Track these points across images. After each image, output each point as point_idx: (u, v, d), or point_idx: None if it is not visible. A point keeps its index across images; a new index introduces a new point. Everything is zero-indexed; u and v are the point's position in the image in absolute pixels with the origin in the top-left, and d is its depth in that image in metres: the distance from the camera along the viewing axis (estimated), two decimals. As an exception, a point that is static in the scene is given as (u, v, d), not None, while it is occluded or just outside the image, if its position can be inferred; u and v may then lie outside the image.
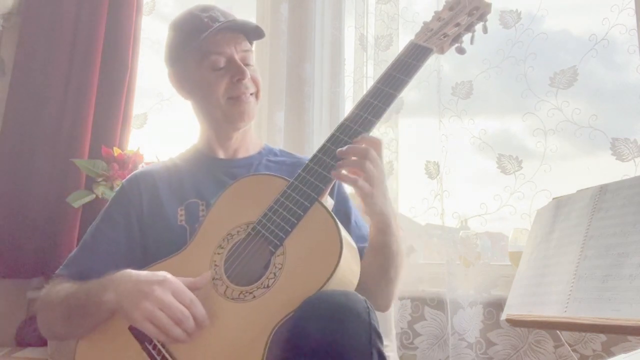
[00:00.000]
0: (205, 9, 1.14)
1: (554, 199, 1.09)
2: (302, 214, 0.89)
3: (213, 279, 0.90)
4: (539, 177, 1.49)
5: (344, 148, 0.93)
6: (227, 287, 0.89)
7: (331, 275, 0.81)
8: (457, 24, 1.08)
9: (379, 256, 1.00)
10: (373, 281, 1.02)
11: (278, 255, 0.88)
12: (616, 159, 1.39)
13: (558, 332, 1.33)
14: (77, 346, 0.95)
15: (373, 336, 0.75)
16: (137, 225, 1.09)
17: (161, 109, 2.03)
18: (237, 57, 1.11)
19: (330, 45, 1.90)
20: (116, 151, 1.69)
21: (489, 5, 1.09)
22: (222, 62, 1.10)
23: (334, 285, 0.81)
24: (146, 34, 2.02)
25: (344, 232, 0.87)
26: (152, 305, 0.83)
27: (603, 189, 0.93)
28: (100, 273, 0.94)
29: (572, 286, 0.85)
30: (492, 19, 1.64)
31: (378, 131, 1.76)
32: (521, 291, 1.00)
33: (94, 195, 1.68)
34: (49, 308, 1.00)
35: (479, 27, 1.10)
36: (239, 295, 0.87)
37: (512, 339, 1.45)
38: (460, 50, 1.09)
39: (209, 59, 1.10)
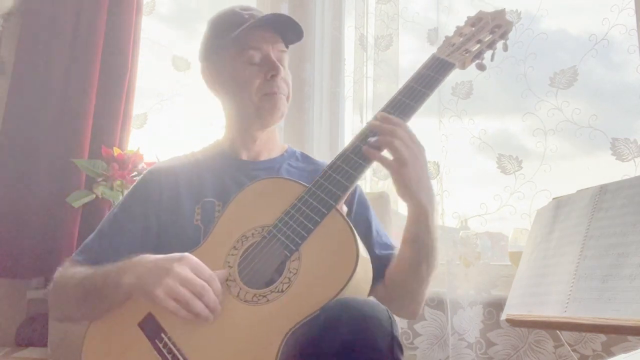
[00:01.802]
0: (247, 8, 1.15)
1: (554, 199, 1.09)
2: (319, 220, 0.89)
3: (227, 279, 0.90)
4: (539, 177, 1.49)
5: (376, 121, 0.94)
6: (240, 288, 0.88)
7: (347, 282, 0.80)
8: (479, 41, 1.09)
9: (411, 250, 0.98)
10: (403, 280, 1.00)
11: (293, 261, 0.87)
12: (616, 159, 1.40)
13: (558, 332, 1.33)
14: (85, 343, 0.95)
15: (395, 347, 0.75)
16: (154, 219, 1.09)
17: (161, 109, 2.03)
18: (273, 55, 1.11)
19: (330, 45, 1.90)
20: (116, 151, 1.69)
21: (510, 24, 1.10)
22: (258, 57, 1.10)
23: (348, 293, 0.81)
24: (146, 34, 2.02)
25: (359, 240, 0.86)
26: (173, 281, 0.83)
27: (603, 189, 0.93)
28: (114, 261, 0.94)
29: (572, 286, 0.85)
30: (492, 19, 1.65)
31: (378, 131, 1.76)
32: (521, 291, 1.00)
33: (94, 195, 1.68)
34: (64, 291, 1.00)
35: (499, 44, 1.11)
36: (252, 297, 0.87)
37: (512, 339, 1.45)
38: (481, 67, 1.10)
39: (246, 53, 1.10)
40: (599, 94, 1.51)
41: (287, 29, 1.14)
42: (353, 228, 0.87)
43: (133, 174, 1.69)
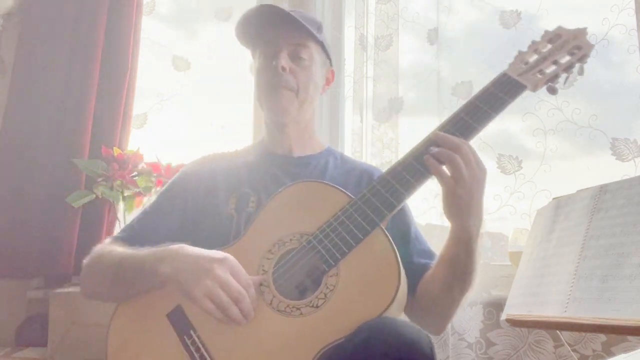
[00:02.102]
0: (273, 5, 1.14)
1: (554, 199, 1.09)
2: (361, 237, 0.86)
3: (261, 284, 0.89)
4: (539, 177, 1.49)
5: (442, 134, 0.89)
6: (274, 296, 0.87)
7: (386, 309, 0.79)
8: (556, 62, 1.01)
9: (446, 270, 0.95)
10: (434, 297, 0.98)
11: (331, 276, 0.86)
12: (616, 159, 1.40)
13: (558, 332, 1.33)
14: (111, 323, 0.94)
15: None
16: (191, 206, 1.11)
17: (161, 109, 2.03)
18: (285, 49, 1.11)
19: (330, 46, 1.90)
20: (116, 151, 1.69)
21: (591, 47, 1.02)
22: (271, 52, 1.12)
23: (386, 315, 0.80)
24: (146, 34, 2.02)
25: (401, 264, 0.84)
26: (213, 283, 0.83)
27: (603, 189, 0.93)
28: (154, 243, 0.95)
29: (572, 286, 0.84)
30: (492, 19, 1.65)
31: (378, 131, 1.76)
32: (521, 291, 1.00)
33: (94, 195, 1.68)
34: (100, 267, 1.00)
35: (576, 67, 1.03)
36: (285, 308, 0.85)
37: (512, 339, 1.45)
38: (553, 91, 1.02)
39: (264, 51, 1.13)
40: (599, 94, 1.51)
41: (288, 20, 1.11)
42: (396, 250, 0.85)
43: (133, 174, 1.69)
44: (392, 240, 0.87)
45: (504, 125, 1.67)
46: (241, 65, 2.03)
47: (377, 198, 0.89)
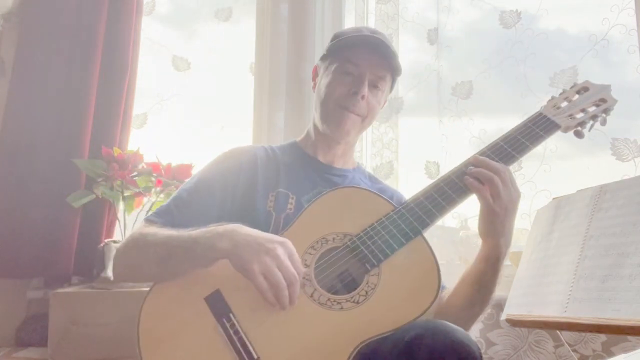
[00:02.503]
0: (375, 32, 1.19)
1: (554, 199, 1.09)
2: (404, 242, 0.91)
3: (303, 277, 0.90)
4: (539, 177, 1.49)
5: (482, 157, 0.96)
6: (315, 289, 0.90)
7: (427, 309, 0.83)
8: (584, 110, 1.13)
9: (472, 287, 0.99)
10: (455, 314, 1.00)
11: (372, 275, 0.89)
12: (616, 159, 1.40)
13: (558, 332, 1.33)
14: (144, 303, 0.93)
15: None
16: (230, 196, 1.10)
17: (161, 110, 2.03)
18: (367, 75, 1.13)
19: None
20: (116, 151, 1.69)
21: (615, 102, 1.14)
22: (353, 72, 1.13)
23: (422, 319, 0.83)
24: (146, 34, 2.02)
25: (441, 270, 0.89)
26: (272, 261, 0.84)
27: (603, 189, 0.93)
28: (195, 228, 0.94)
29: (572, 286, 0.84)
30: (492, 19, 1.65)
31: (378, 131, 1.76)
32: (521, 291, 1.00)
33: (94, 195, 1.68)
34: (143, 248, 0.98)
35: (600, 117, 1.15)
36: (326, 301, 0.88)
37: (512, 339, 1.45)
38: (580, 135, 1.13)
39: (345, 65, 1.13)
40: (599, 94, 1.50)
41: (388, 59, 1.14)
42: (437, 257, 0.89)
43: (133, 174, 1.69)
44: (432, 248, 0.91)
45: (503, 125, 1.67)
46: (241, 65, 2.03)
47: (420, 208, 0.95)
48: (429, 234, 0.96)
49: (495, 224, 0.93)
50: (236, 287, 0.87)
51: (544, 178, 1.49)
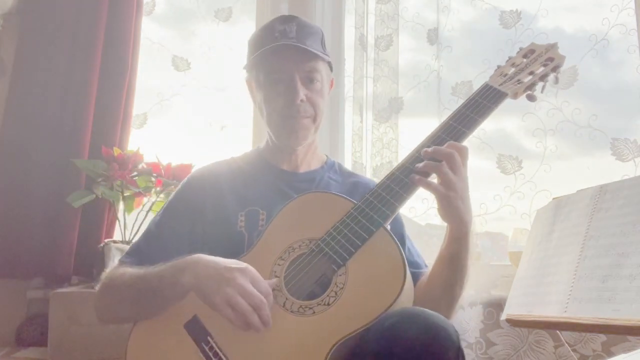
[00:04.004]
0: (286, 20, 1.14)
1: (554, 199, 1.09)
2: (367, 237, 0.91)
3: (273, 289, 0.91)
4: (539, 177, 1.49)
5: (430, 149, 0.95)
6: (286, 299, 0.90)
7: (396, 298, 0.82)
8: (532, 73, 1.11)
9: (447, 269, 0.99)
10: (436, 300, 1.00)
11: (340, 275, 0.89)
12: (616, 159, 1.39)
13: (558, 332, 1.33)
14: (130, 340, 0.96)
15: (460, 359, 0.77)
16: (199, 223, 1.10)
17: (161, 109, 2.04)
18: (297, 76, 1.09)
19: (330, 45, 1.90)
20: (116, 151, 1.69)
21: (563, 58, 1.12)
22: (283, 78, 1.10)
23: (396, 308, 0.82)
24: (146, 34, 2.02)
25: (405, 257, 0.88)
26: (234, 291, 0.85)
27: (603, 189, 0.93)
28: (164, 262, 0.95)
29: (572, 286, 0.85)
30: (492, 19, 1.65)
31: (378, 131, 1.76)
32: (521, 291, 1.00)
33: (94, 195, 1.68)
34: (115, 292, 1.00)
35: (550, 76, 1.13)
36: (298, 308, 0.88)
37: (512, 339, 1.45)
38: (532, 98, 1.11)
39: (271, 76, 1.11)
40: (599, 93, 1.51)
41: (308, 47, 1.10)
42: (400, 247, 0.89)
43: (133, 174, 1.69)
44: (395, 237, 0.90)
45: (503, 125, 1.67)
46: (241, 65, 2.03)
47: (379, 201, 0.95)
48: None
49: (458, 205, 0.92)
50: (212, 310, 0.88)
51: (544, 178, 1.48)
